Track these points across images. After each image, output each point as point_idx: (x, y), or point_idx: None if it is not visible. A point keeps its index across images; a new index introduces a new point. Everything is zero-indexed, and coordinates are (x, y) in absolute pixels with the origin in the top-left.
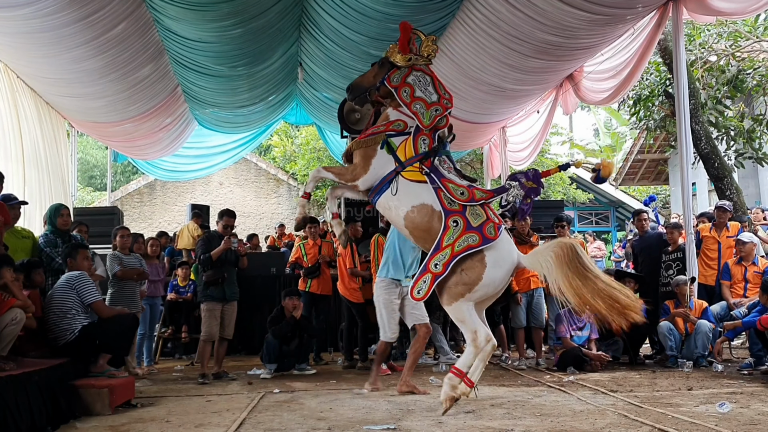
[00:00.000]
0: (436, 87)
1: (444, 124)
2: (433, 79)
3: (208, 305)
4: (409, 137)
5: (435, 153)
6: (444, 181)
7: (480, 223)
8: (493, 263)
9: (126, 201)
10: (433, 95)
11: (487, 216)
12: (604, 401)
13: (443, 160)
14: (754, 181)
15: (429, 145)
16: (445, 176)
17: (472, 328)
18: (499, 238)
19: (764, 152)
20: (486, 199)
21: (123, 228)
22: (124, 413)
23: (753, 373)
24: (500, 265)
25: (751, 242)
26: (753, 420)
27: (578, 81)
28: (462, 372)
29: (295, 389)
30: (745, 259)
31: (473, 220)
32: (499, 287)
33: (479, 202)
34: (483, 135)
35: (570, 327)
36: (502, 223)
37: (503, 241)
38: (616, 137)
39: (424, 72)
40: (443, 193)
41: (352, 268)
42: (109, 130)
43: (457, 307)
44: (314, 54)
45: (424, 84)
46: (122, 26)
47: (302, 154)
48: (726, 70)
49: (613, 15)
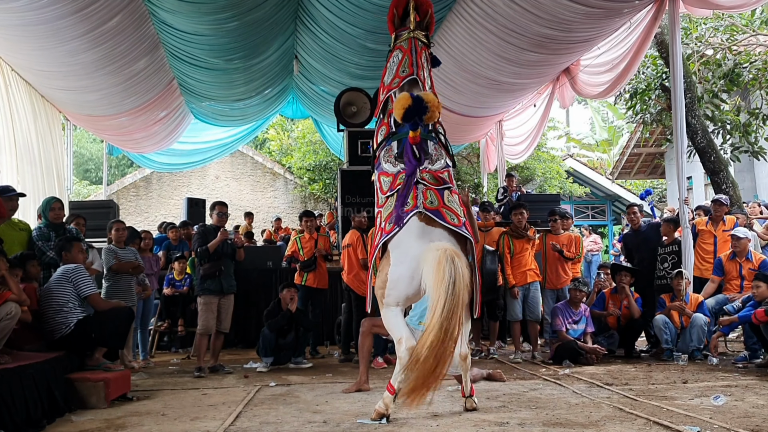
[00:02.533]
0: (400, 63)
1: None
2: (404, 53)
3: (205, 298)
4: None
5: (380, 145)
6: (379, 174)
7: (387, 216)
8: (395, 260)
9: (122, 194)
10: (394, 77)
11: (394, 205)
12: (600, 394)
13: (390, 148)
14: (750, 174)
15: (386, 134)
16: (382, 168)
17: (397, 336)
18: (398, 231)
19: (760, 146)
20: (402, 186)
21: (118, 221)
22: (120, 406)
23: (748, 366)
24: (401, 260)
25: (746, 238)
26: (747, 413)
27: (575, 74)
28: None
29: (291, 382)
30: (739, 255)
31: (385, 214)
32: (415, 287)
33: (393, 192)
34: (480, 128)
35: (566, 320)
36: (411, 209)
37: (405, 233)
38: (612, 131)
39: (401, 48)
40: (376, 189)
41: (365, 259)
42: (104, 123)
43: (383, 313)
44: (310, 47)
45: (394, 64)
46: (117, 19)
47: (298, 148)
48: (722, 63)
49: (609, 8)
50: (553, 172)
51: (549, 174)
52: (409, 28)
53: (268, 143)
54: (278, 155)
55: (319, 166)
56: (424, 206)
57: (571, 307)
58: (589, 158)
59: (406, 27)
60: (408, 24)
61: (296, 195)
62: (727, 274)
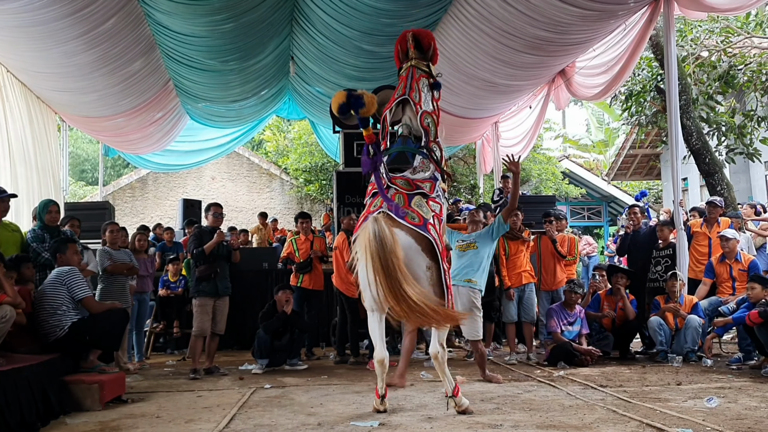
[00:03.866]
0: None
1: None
2: (401, 80)
3: (201, 300)
4: None
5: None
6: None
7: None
8: (359, 262)
9: (118, 195)
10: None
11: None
12: (594, 396)
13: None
14: (745, 176)
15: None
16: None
17: (373, 344)
18: (359, 230)
19: (755, 148)
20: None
21: (112, 223)
22: (115, 409)
23: (742, 368)
24: (359, 259)
25: (734, 239)
26: (740, 415)
27: (570, 76)
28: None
29: (286, 384)
30: (728, 257)
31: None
32: (373, 287)
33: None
34: (475, 130)
35: (561, 322)
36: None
37: (361, 234)
38: (608, 132)
39: (401, 78)
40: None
41: (350, 261)
42: (100, 125)
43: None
44: (306, 48)
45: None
46: (113, 20)
47: (294, 149)
48: (717, 65)
49: (604, 11)
50: (549, 174)
51: (545, 175)
52: (411, 59)
53: (264, 144)
54: (274, 156)
55: (315, 168)
56: (388, 208)
57: (566, 309)
58: (585, 159)
59: (408, 59)
60: (410, 56)
61: (292, 196)
62: (719, 276)
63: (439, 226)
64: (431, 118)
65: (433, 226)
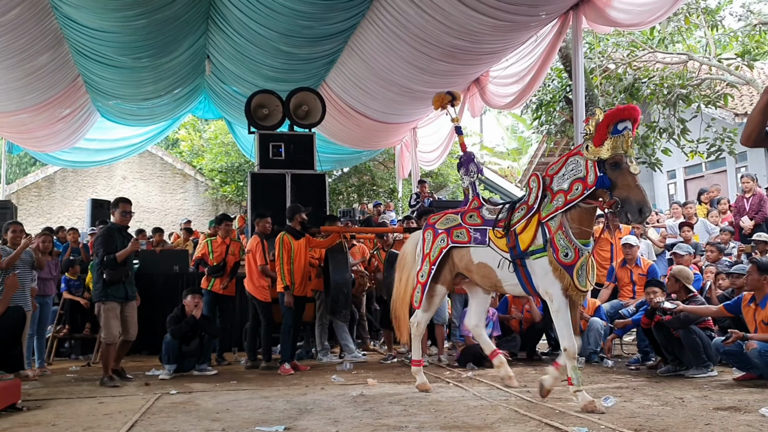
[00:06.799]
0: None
1: None
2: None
3: (109, 305)
4: None
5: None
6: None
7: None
8: None
9: (22, 194)
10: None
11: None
12: (499, 397)
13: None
14: (648, 185)
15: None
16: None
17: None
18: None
19: (657, 158)
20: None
21: (15, 223)
22: (8, 417)
23: (640, 369)
24: None
25: (637, 246)
26: (633, 413)
27: (484, 85)
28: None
29: (193, 390)
30: (629, 262)
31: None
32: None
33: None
34: (394, 135)
35: None
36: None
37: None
38: (522, 141)
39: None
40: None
41: (263, 266)
42: (2, 120)
43: None
44: (222, 47)
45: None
46: (17, 11)
47: (210, 149)
48: (623, 78)
49: (516, 21)
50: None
51: (461, 181)
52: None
53: (179, 143)
54: (189, 156)
55: (231, 168)
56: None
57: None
58: (501, 166)
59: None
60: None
61: (207, 198)
62: (620, 280)
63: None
64: None
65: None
